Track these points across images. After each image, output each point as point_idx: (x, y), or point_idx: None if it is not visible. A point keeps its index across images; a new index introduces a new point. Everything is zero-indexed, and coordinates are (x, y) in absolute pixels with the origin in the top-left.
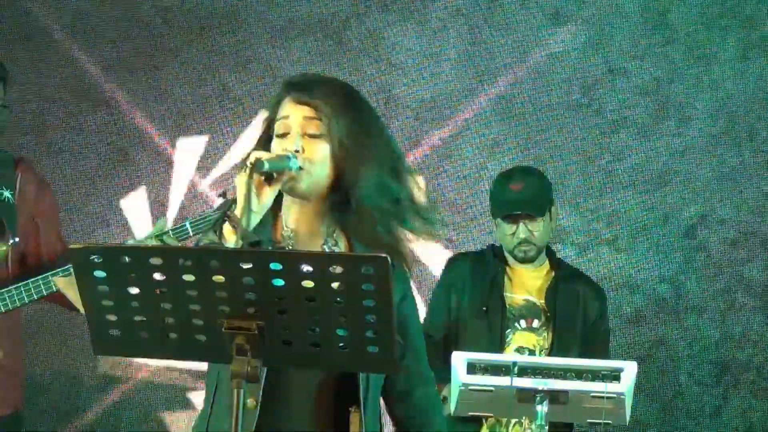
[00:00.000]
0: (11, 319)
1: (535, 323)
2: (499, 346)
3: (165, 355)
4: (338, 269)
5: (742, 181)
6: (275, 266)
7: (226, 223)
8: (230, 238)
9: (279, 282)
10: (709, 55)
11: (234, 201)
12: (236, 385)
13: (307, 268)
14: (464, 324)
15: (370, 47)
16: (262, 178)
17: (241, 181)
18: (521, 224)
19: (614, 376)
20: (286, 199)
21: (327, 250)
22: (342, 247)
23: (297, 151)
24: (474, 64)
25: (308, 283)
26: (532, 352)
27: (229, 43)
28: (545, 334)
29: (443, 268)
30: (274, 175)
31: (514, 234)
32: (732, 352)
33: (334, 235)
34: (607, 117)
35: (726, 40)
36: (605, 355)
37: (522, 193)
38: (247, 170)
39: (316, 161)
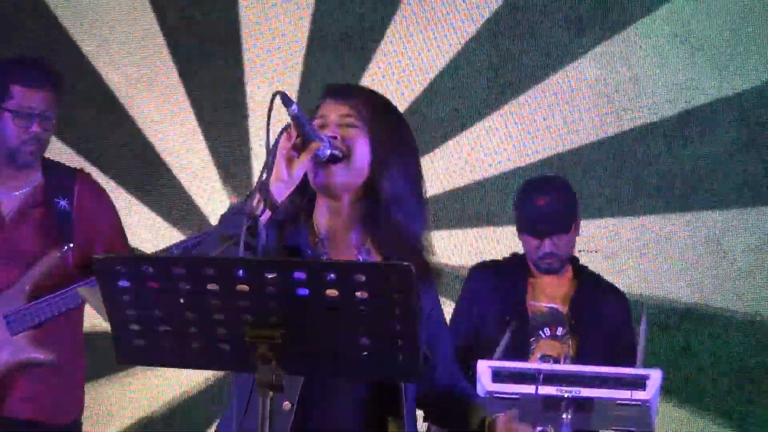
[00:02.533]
0: (71, 321)
1: (559, 331)
2: (522, 355)
3: (188, 364)
4: (362, 278)
5: (767, 189)
6: (299, 275)
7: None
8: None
9: (303, 291)
10: (733, 64)
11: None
12: (262, 394)
13: (331, 276)
14: (487, 333)
15: (394, 57)
16: (291, 145)
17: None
18: (546, 239)
19: (639, 383)
20: (319, 204)
21: (361, 259)
22: (374, 257)
23: (334, 137)
24: (498, 73)
25: (332, 292)
26: (556, 360)
27: (256, 55)
28: (569, 341)
29: (466, 277)
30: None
31: (538, 247)
32: (757, 359)
33: (366, 245)
34: (632, 126)
35: (750, 49)
36: (632, 362)
37: (548, 210)
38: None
39: (355, 148)
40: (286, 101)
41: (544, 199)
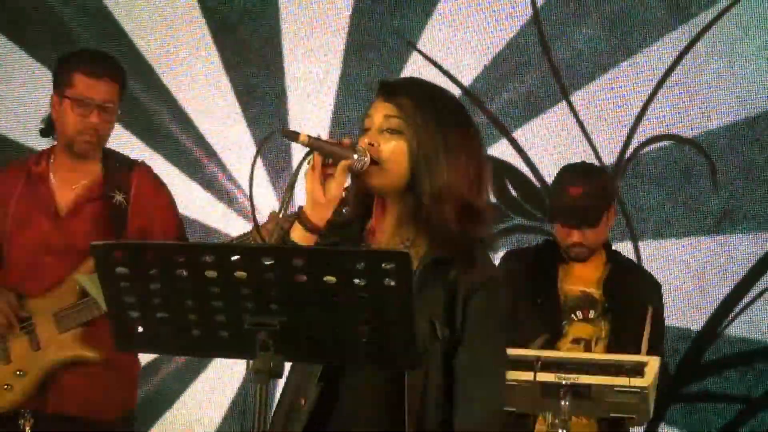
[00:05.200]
0: None
1: (591, 314)
2: (554, 338)
3: (188, 351)
4: (360, 265)
5: (766, 175)
6: (297, 262)
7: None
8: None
9: (301, 278)
10: (733, 50)
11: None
12: (258, 381)
13: (329, 263)
14: (520, 318)
15: (396, 45)
16: (323, 168)
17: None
18: (575, 230)
19: (637, 370)
20: (375, 202)
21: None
22: (420, 251)
23: (371, 145)
24: (498, 60)
25: (330, 279)
26: (588, 343)
27: (255, 40)
28: (602, 323)
29: (499, 264)
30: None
31: (567, 236)
32: (757, 346)
33: (414, 240)
34: (631, 112)
35: (749, 35)
36: (659, 348)
37: (578, 202)
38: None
39: (387, 156)
40: (291, 135)
41: (576, 191)
